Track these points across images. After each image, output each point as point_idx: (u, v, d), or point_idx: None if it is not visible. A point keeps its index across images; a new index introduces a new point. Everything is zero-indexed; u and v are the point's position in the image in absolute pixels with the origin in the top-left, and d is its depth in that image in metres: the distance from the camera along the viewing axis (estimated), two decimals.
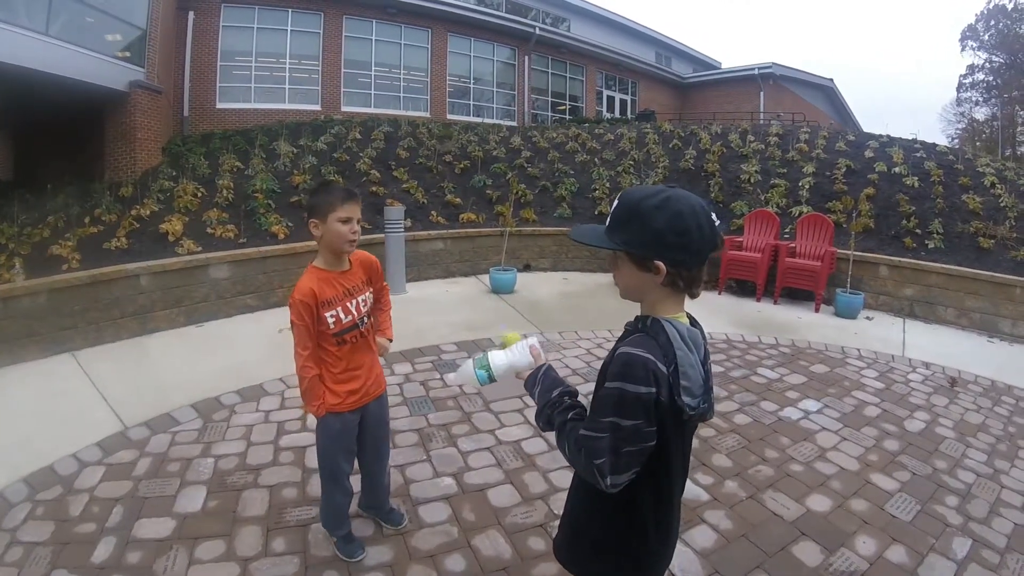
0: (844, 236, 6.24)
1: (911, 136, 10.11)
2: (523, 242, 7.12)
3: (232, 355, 3.96)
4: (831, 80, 23.12)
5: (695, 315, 1.06)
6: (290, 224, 5.92)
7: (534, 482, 2.51)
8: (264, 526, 2.14)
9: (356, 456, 2.01)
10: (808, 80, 21.77)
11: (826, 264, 5.83)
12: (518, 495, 2.41)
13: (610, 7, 20.96)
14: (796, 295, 6.15)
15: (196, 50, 10.56)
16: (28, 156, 10.12)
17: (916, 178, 7.35)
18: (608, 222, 1.00)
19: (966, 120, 35.81)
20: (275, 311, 5.02)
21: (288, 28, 11.86)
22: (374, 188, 7.30)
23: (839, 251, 6.02)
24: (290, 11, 11.80)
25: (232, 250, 5.09)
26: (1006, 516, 2.40)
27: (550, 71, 17.38)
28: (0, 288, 3.69)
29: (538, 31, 15.70)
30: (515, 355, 1.16)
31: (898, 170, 7.65)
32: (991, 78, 33.21)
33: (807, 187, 7.60)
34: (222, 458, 2.63)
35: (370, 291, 1.92)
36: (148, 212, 5.52)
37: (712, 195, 8.01)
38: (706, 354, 1.03)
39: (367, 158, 8.17)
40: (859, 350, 4.61)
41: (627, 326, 1.04)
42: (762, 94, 19.57)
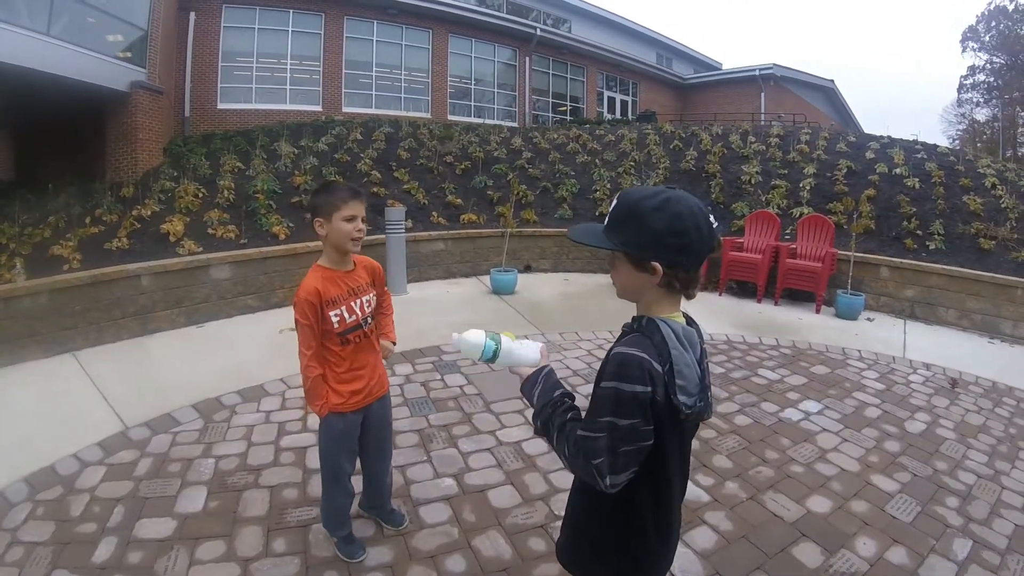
0: (845, 237, 6.23)
1: (912, 137, 10.10)
2: (524, 243, 7.12)
3: (233, 355, 3.97)
4: (832, 81, 23.11)
5: (696, 316, 1.06)
6: (291, 225, 5.92)
7: (534, 483, 2.51)
8: (265, 526, 2.15)
9: (358, 457, 2.01)
10: (809, 81, 21.77)
11: (827, 265, 5.83)
12: (518, 496, 2.41)
13: (611, 8, 21.01)
14: (797, 296, 6.15)
15: (197, 51, 10.58)
16: (29, 156, 10.13)
17: (917, 179, 7.34)
18: (607, 222, 1.00)
19: (967, 121, 35.84)
20: (276, 312, 5.03)
21: (289, 29, 11.87)
22: (375, 189, 7.30)
23: (840, 252, 6.02)
24: (291, 12, 11.81)
25: (233, 251, 5.10)
26: (1007, 517, 2.40)
27: (551, 72, 17.38)
28: (1, 288, 3.69)
29: (539, 32, 15.71)
30: (526, 348, 1.17)
31: (899, 171, 7.64)
32: (992, 79, 33.23)
33: (808, 188, 7.60)
34: (223, 458, 2.64)
35: (374, 293, 1.93)
36: (149, 212, 5.53)
37: (713, 196, 8.01)
38: (703, 353, 1.03)
39: (368, 159, 8.18)
40: (860, 351, 4.61)
41: (624, 327, 1.04)
42: (763, 95, 19.56)
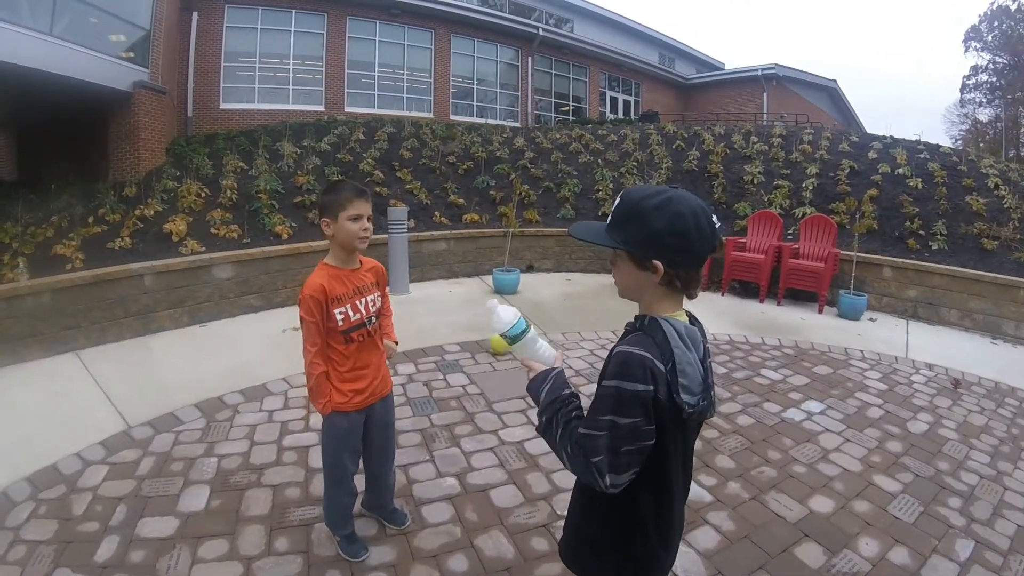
0: (847, 237, 6.23)
1: (914, 137, 10.05)
2: (526, 243, 7.12)
3: (235, 355, 3.98)
4: (834, 81, 23.04)
5: (699, 316, 1.06)
6: (293, 224, 5.93)
7: (537, 483, 2.51)
8: (267, 525, 2.15)
9: (361, 456, 2.01)
10: (811, 81, 21.71)
11: (829, 265, 5.82)
12: (521, 495, 2.41)
13: (613, 8, 21.00)
14: (799, 296, 6.14)
15: (200, 51, 10.59)
16: (32, 156, 10.17)
17: (920, 179, 7.33)
18: (609, 220, 1.00)
19: (970, 121, 35.70)
20: (278, 311, 5.03)
21: (292, 29, 11.88)
22: (378, 189, 7.31)
23: (842, 252, 6.01)
24: (294, 12, 11.82)
25: (235, 250, 5.11)
26: (1009, 518, 2.40)
27: (553, 72, 17.37)
28: (4, 288, 3.70)
29: (541, 32, 15.69)
30: (545, 345, 1.18)
31: (901, 171, 7.63)
32: (995, 79, 33.14)
33: (810, 188, 7.59)
34: (225, 457, 2.64)
35: (379, 293, 1.94)
36: (152, 212, 5.53)
37: (715, 196, 8.00)
38: (706, 352, 1.02)
39: (370, 159, 8.19)
40: (862, 351, 4.60)
41: (627, 326, 1.04)
42: (765, 95, 19.52)
